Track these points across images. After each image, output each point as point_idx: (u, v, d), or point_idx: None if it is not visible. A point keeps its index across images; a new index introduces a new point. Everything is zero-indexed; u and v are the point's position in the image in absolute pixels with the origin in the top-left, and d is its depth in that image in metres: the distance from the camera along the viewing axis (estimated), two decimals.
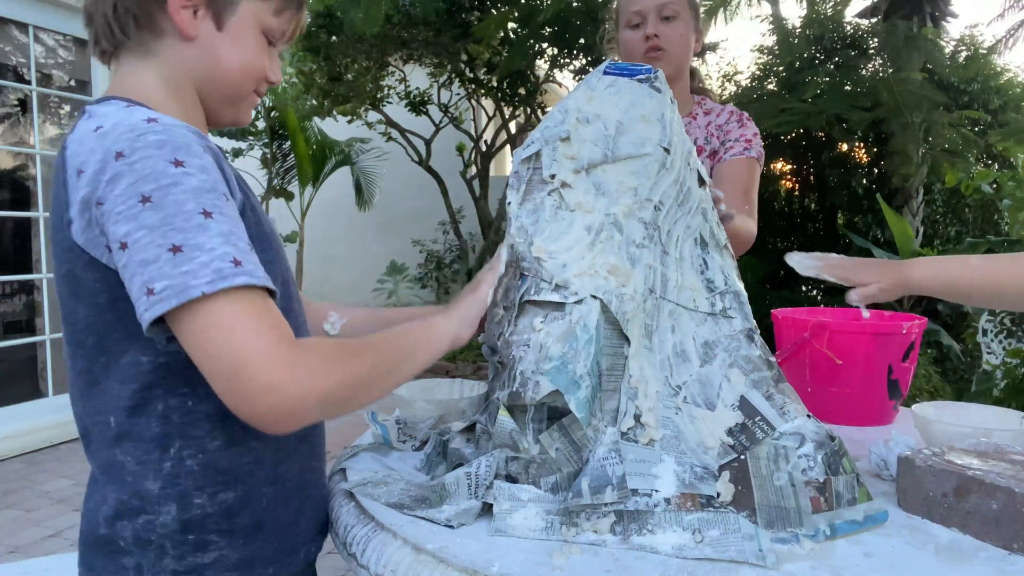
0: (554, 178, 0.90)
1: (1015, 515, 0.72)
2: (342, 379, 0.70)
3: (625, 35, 1.53)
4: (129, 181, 0.67)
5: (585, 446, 0.80)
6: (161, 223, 0.66)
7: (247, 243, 0.70)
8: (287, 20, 0.88)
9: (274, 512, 0.83)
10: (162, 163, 0.68)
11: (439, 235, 8.05)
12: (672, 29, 1.48)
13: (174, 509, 0.77)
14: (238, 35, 0.83)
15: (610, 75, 0.95)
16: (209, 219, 0.68)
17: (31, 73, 3.94)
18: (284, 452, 0.84)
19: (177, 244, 0.66)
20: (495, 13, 5.71)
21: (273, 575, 0.82)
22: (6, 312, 4.70)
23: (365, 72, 6.35)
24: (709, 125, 1.61)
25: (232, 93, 0.86)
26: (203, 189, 0.69)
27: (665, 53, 1.49)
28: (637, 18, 1.50)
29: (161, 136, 0.70)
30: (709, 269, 0.90)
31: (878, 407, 1.23)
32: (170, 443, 0.77)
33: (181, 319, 0.66)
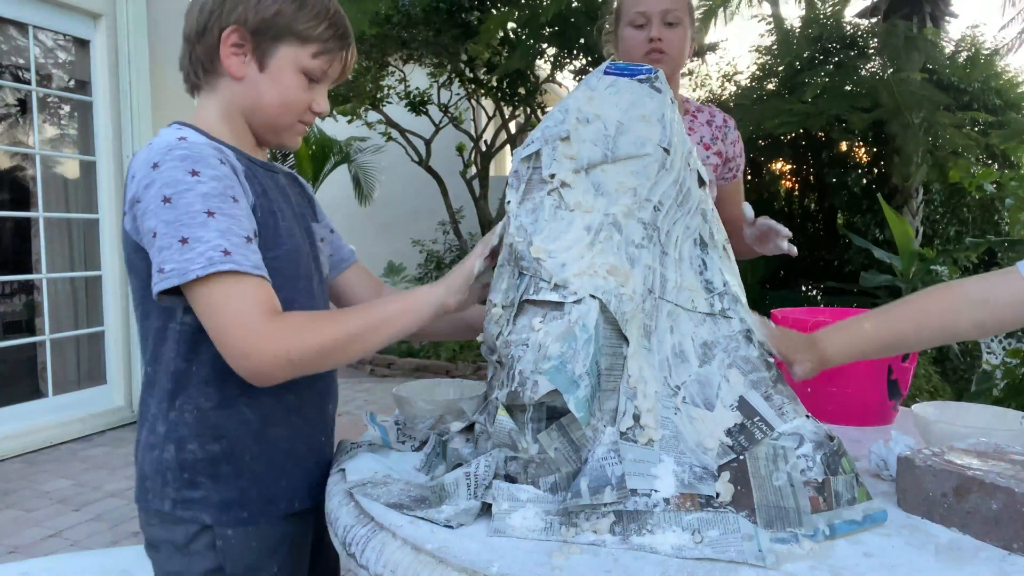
0: (554, 178, 0.90)
1: (1015, 515, 0.72)
2: (311, 344, 0.87)
3: (627, 33, 1.55)
4: (158, 186, 0.87)
5: (584, 446, 0.80)
6: (175, 220, 0.85)
7: (244, 238, 0.88)
8: (327, 61, 1.01)
9: (256, 467, 0.98)
10: (181, 172, 0.87)
11: (439, 235, 8.06)
12: (674, 34, 1.51)
13: (173, 450, 0.96)
14: (277, 75, 0.99)
15: (610, 75, 0.94)
16: (211, 218, 0.86)
17: (31, 73, 3.94)
18: (270, 419, 0.99)
19: (185, 236, 0.85)
20: (495, 13, 5.70)
21: (248, 518, 0.98)
22: (6, 312, 4.69)
23: (365, 72, 6.35)
24: (708, 124, 1.66)
25: (272, 124, 1.02)
26: (211, 194, 0.87)
27: (666, 56, 1.52)
28: (641, 19, 1.52)
29: (185, 151, 0.89)
30: (708, 270, 0.90)
31: (878, 407, 1.23)
32: (175, 397, 0.96)
33: (191, 295, 0.87)
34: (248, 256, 0.87)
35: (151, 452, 0.98)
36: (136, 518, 2.98)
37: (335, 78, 1.05)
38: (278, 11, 0.96)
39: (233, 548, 0.97)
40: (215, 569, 0.96)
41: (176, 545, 0.97)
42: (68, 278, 4.23)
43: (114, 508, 3.05)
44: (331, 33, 0.99)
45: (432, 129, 7.12)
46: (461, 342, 5.92)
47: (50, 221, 4.10)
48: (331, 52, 1.01)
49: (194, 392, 0.96)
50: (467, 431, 0.98)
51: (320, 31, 0.98)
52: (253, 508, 0.98)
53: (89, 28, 4.20)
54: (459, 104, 7.11)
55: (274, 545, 1.00)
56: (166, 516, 0.97)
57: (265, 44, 0.97)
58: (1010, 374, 3.13)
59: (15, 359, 4.24)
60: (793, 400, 0.84)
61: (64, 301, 4.26)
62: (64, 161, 4.35)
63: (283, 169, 1.14)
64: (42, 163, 4.11)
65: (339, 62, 1.03)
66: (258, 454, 0.99)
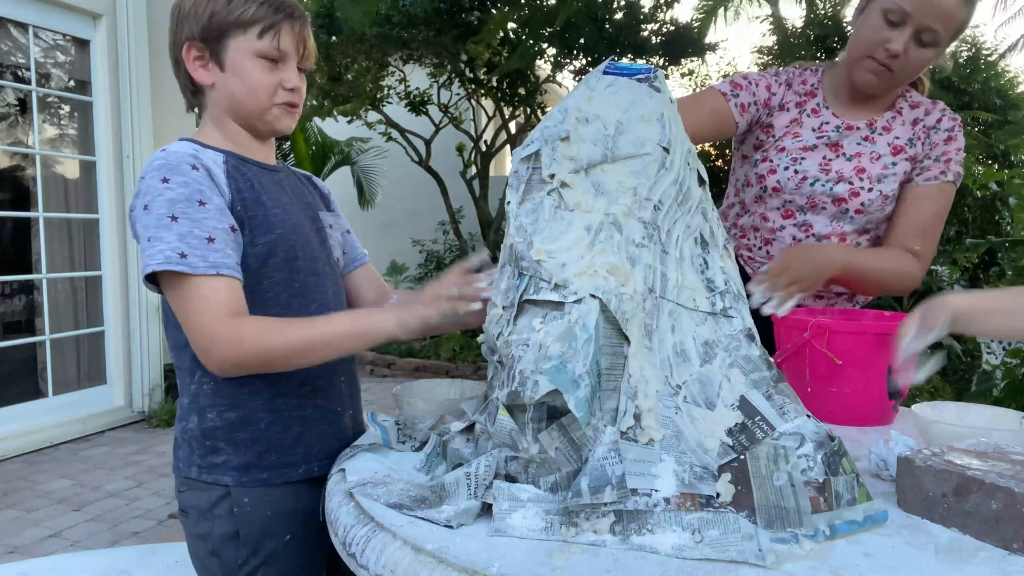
0: (553, 178, 0.90)
1: (1015, 515, 0.72)
2: (259, 351, 0.98)
3: (872, 21, 1.36)
4: (142, 194, 1.00)
5: (584, 445, 0.80)
6: (149, 223, 0.98)
7: (204, 239, 0.98)
8: (273, 37, 1.07)
9: (270, 434, 1.09)
10: (156, 181, 0.99)
11: (439, 235, 8.06)
12: (919, 57, 1.35)
13: (196, 420, 1.08)
14: (236, 68, 1.07)
15: (609, 75, 0.95)
16: (174, 222, 0.98)
17: (31, 73, 3.94)
18: (279, 389, 1.09)
19: (151, 237, 0.98)
20: (495, 13, 5.70)
21: (267, 479, 1.08)
22: (6, 312, 4.70)
23: (365, 72, 6.36)
24: (917, 124, 1.45)
25: (252, 112, 1.10)
26: (177, 200, 0.98)
27: (890, 76, 1.37)
28: (896, 16, 1.32)
29: (162, 162, 1.01)
30: (709, 269, 0.90)
31: (877, 407, 1.23)
32: (195, 372, 1.08)
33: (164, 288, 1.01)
34: (207, 256, 0.98)
35: (180, 424, 1.11)
36: (136, 518, 2.99)
37: (300, 54, 1.11)
38: (212, 12, 1.06)
39: (249, 514, 1.06)
40: (233, 534, 1.06)
41: (201, 510, 1.08)
42: (68, 278, 4.24)
43: (114, 508, 3.05)
44: (265, 10, 1.06)
45: (432, 129, 7.12)
46: (461, 342, 5.92)
47: (50, 221, 4.10)
48: (275, 27, 1.06)
49: None
50: (467, 431, 0.98)
51: (253, 12, 1.05)
52: (271, 471, 1.08)
53: (89, 28, 4.20)
54: (459, 104, 7.11)
55: (288, 512, 1.09)
56: (193, 482, 1.09)
57: (216, 46, 1.07)
58: (1010, 374, 3.12)
59: (15, 359, 4.24)
60: (794, 400, 0.84)
61: (64, 301, 4.26)
62: (64, 161, 4.35)
63: (290, 169, 1.24)
64: (42, 163, 4.11)
65: (290, 35, 1.08)
66: (272, 421, 1.09)
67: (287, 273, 1.09)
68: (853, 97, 1.46)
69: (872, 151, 1.43)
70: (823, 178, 1.44)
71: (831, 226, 1.46)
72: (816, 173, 1.44)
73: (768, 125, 1.51)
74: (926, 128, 1.43)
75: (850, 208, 1.43)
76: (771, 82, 1.53)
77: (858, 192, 1.42)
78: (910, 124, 1.44)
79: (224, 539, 1.07)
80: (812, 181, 1.44)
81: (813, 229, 1.47)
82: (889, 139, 1.43)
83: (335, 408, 1.17)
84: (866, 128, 1.45)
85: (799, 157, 1.46)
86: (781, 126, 1.50)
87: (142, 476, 3.44)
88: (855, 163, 1.43)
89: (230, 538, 1.06)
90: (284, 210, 1.10)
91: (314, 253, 1.14)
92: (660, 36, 6.09)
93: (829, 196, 1.44)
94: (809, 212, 1.47)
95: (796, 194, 1.46)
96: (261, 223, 1.06)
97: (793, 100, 1.51)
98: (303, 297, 1.12)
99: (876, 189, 1.41)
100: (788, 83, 1.53)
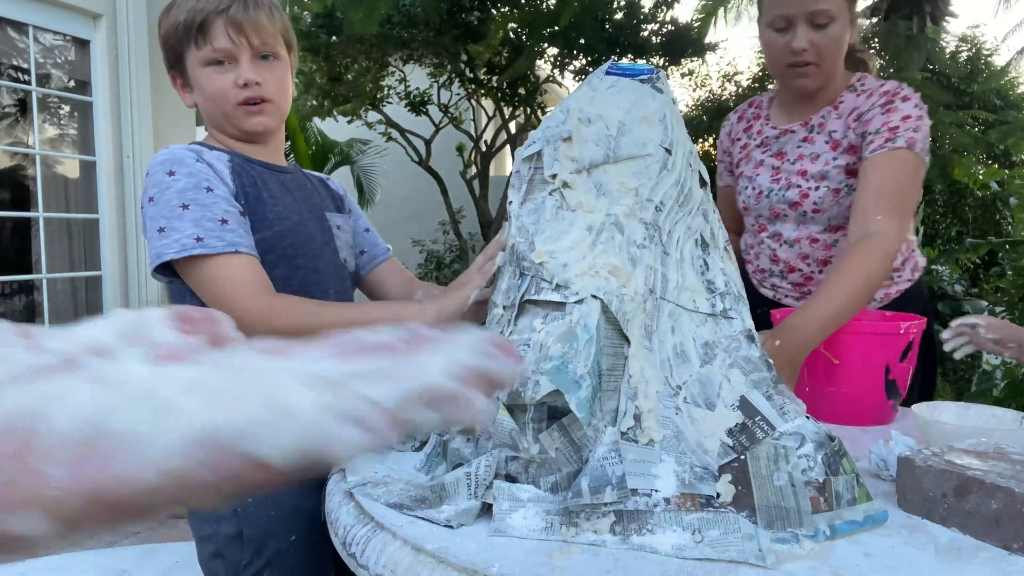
0: (555, 178, 0.90)
1: (1015, 515, 0.72)
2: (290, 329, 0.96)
3: (767, 37, 1.40)
4: (148, 189, 1.03)
5: (585, 446, 0.80)
6: (157, 214, 1.00)
7: (218, 220, 0.99)
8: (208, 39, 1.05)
9: None
10: (161, 175, 1.01)
11: (439, 235, 8.06)
12: (825, 37, 1.33)
13: None
14: (197, 83, 1.10)
15: (612, 75, 0.95)
16: (186, 210, 0.99)
17: (31, 73, 3.94)
18: None
19: (163, 227, 0.99)
20: (495, 13, 5.70)
21: None
22: (6, 312, 4.69)
23: (365, 72, 6.35)
24: (852, 113, 1.41)
25: (220, 119, 1.11)
26: (186, 189, 0.99)
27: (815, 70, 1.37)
28: (782, 22, 1.35)
29: (165, 157, 1.03)
30: (709, 270, 0.90)
31: (876, 407, 1.23)
32: None
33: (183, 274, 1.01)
34: (223, 236, 0.99)
35: None
36: None
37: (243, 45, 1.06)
38: (164, 39, 1.10)
39: (252, 514, 1.06)
40: (236, 534, 1.06)
41: (205, 512, 1.07)
42: (68, 278, 4.24)
43: None
44: (191, 14, 1.05)
45: (432, 129, 7.12)
46: None
47: (50, 221, 4.10)
48: (204, 28, 1.05)
49: None
50: (468, 431, 0.98)
51: (184, 21, 1.05)
52: None
53: (89, 28, 4.20)
54: (459, 104, 7.11)
55: (293, 512, 1.08)
56: None
57: (181, 68, 1.11)
58: (1010, 374, 3.12)
59: None
60: (794, 400, 0.84)
61: (64, 301, 4.26)
62: (64, 161, 4.35)
63: (303, 171, 1.26)
64: (42, 163, 4.11)
65: (221, 29, 1.05)
66: None
67: (285, 271, 1.09)
68: (796, 101, 1.49)
69: (811, 151, 1.45)
70: (775, 188, 1.49)
71: (798, 230, 1.49)
72: (769, 184, 1.50)
73: (736, 163, 1.62)
74: (859, 113, 1.38)
75: (807, 209, 1.45)
76: (730, 128, 1.64)
77: (807, 193, 1.44)
78: (846, 115, 1.40)
79: (228, 540, 1.07)
80: (767, 192, 1.50)
81: (783, 237, 1.51)
82: (826, 136, 1.43)
83: None
84: (802, 129, 1.47)
85: (753, 175, 1.54)
86: (737, 156, 1.61)
87: None
88: (798, 166, 1.46)
89: (234, 539, 1.06)
90: (285, 208, 1.10)
91: (315, 252, 1.14)
92: (660, 36, 6.09)
93: (785, 203, 1.47)
94: (776, 222, 1.52)
95: (760, 208, 1.53)
96: (260, 219, 1.07)
97: (742, 127, 1.61)
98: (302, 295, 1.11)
99: (823, 187, 1.42)
100: (740, 116, 1.63)
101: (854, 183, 1.38)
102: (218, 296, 0.97)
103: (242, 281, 0.98)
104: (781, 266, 1.53)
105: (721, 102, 6.27)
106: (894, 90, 1.35)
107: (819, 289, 1.18)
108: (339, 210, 1.26)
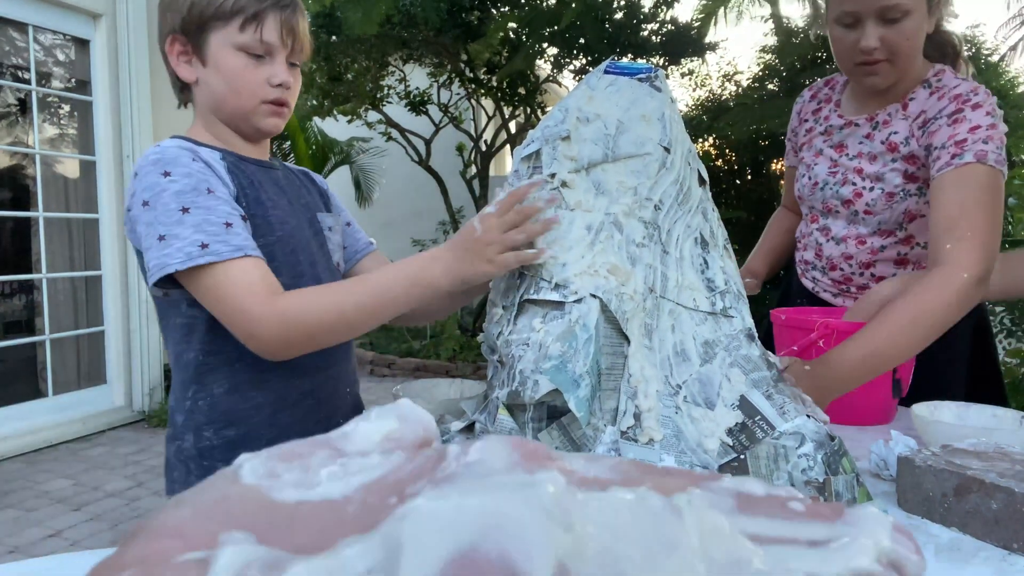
0: (554, 177, 0.90)
1: (1015, 515, 0.72)
2: (308, 326, 0.91)
3: (834, 32, 1.30)
4: (139, 192, 0.93)
5: (584, 445, 0.80)
6: (154, 220, 0.91)
7: (222, 224, 0.91)
8: (255, 29, 0.98)
9: None
10: (155, 176, 0.92)
11: (439, 235, 8.05)
12: (898, 33, 1.24)
13: (191, 439, 1.01)
14: (218, 64, 1.00)
15: (610, 74, 0.95)
16: (186, 214, 0.90)
17: (31, 73, 3.93)
18: (283, 403, 1.03)
19: (162, 234, 0.90)
20: (495, 13, 5.70)
21: None
22: (6, 312, 4.70)
23: (365, 72, 6.35)
24: (919, 117, 1.29)
25: (236, 112, 1.02)
26: (184, 191, 0.91)
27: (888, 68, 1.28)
28: (849, 18, 1.26)
29: (158, 157, 0.94)
30: (709, 268, 0.90)
31: (882, 406, 1.23)
32: (189, 387, 1.01)
33: (191, 290, 0.93)
34: (229, 240, 0.91)
35: (173, 443, 1.03)
36: (136, 518, 2.99)
37: (287, 46, 1.02)
38: (193, 2, 0.98)
39: None
40: None
41: None
42: (68, 278, 4.23)
43: (114, 508, 3.05)
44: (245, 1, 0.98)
45: (432, 129, 7.12)
46: (461, 342, 5.92)
47: (50, 221, 4.10)
48: (258, 18, 0.98)
49: (206, 380, 1.00)
50: (467, 431, 0.98)
51: (235, 1, 0.97)
52: None
53: (89, 28, 4.20)
54: (459, 104, 7.10)
55: None
56: None
57: (198, 40, 0.99)
58: (1010, 374, 3.12)
59: (15, 359, 4.24)
60: (794, 399, 0.84)
61: (64, 301, 4.26)
62: (64, 161, 4.35)
63: (286, 165, 1.17)
64: (42, 163, 4.11)
65: (275, 26, 0.99)
66: (273, 438, 0.99)
67: (288, 279, 1.01)
68: (866, 92, 1.40)
69: (870, 150, 1.37)
70: (831, 181, 1.42)
71: (847, 229, 1.42)
72: (825, 176, 1.44)
73: (799, 146, 1.54)
74: (925, 119, 1.28)
75: (859, 210, 1.38)
76: (801, 107, 1.55)
77: (861, 193, 1.38)
78: (913, 119, 1.30)
79: None
80: (823, 185, 1.44)
81: (831, 232, 1.45)
82: (885, 136, 1.34)
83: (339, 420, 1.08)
84: (867, 124, 1.39)
85: (812, 163, 1.47)
86: (801, 139, 1.53)
87: (142, 476, 3.44)
88: (856, 163, 1.39)
89: None
90: (283, 211, 1.05)
91: (314, 258, 1.08)
92: (660, 36, 6.09)
93: (838, 199, 1.42)
94: (827, 216, 1.46)
95: (813, 199, 1.47)
96: (261, 223, 1.00)
97: (811, 108, 1.53)
98: None
99: (877, 188, 1.36)
100: (814, 95, 1.54)
101: (912, 188, 1.32)
102: (225, 303, 0.90)
103: (250, 284, 0.90)
104: (824, 262, 1.47)
105: (721, 102, 6.27)
106: (966, 95, 1.24)
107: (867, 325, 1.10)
108: (327, 208, 1.20)
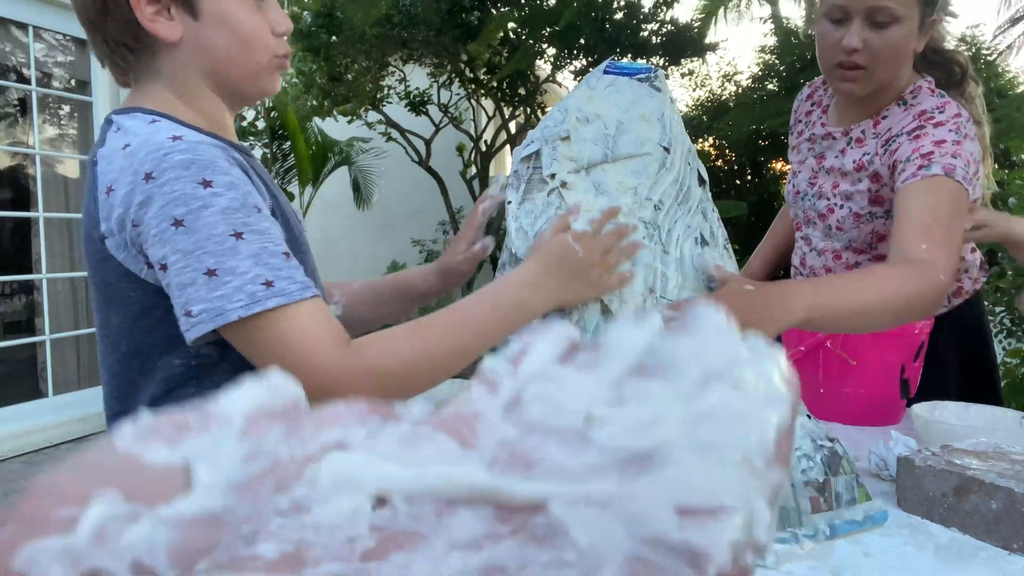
0: (554, 177, 0.90)
1: (1015, 515, 0.72)
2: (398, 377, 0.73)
3: (821, 28, 1.23)
4: (160, 204, 0.68)
5: None
6: (195, 247, 0.67)
7: (280, 255, 0.71)
8: None
9: None
10: (191, 185, 0.68)
11: (439, 235, 8.05)
12: (882, 39, 1.17)
13: None
14: (219, 14, 0.78)
15: (610, 74, 0.95)
16: (240, 241, 0.68)
17: (31, 73, 3.94)
18: None
19: (212, 268, 0.67)
20: (495, 13, 5.70)
21: None
22: (6, 312, 4.70)
23: (365, 72, 6.35)
24: (887, 134, 1.23)
25: (246, 72, 0.81)
26: (232, 208, 0.69)
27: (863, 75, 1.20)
28: (838, 12, 1.19)
29: (187, 156, 0.69)
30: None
31: (890, 406, 1.23)
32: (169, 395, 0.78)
33: (233, 336, 0.70)
34: (294, 277, 0.71)
35: None
36: None
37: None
38: None
39: None
40: None
41: None
42: (68, 278, 4.23)
43: None
44: None
45: (432, 129, 7.11)
46: None
47: (50, 221, 4.10)
48: None
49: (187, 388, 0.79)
50: None
51: None
52: None
53: None
54: (459, 104, 7.10)
55: None
56: None
57: None
58: (1010, 374, 3.12)
59: (15, 359, 4.24)
60: None
61: (64, 301, 4.26)
62: (64, 161, 4.35)
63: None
64: (42, 163, 4.11)
65: None
66: None
67: None
68: (846, 102, 1.33)
69: (842, 166, 1.30)
70: (810, 192, 1.37)
71: (824, 242, 1.36)
72: (805, 187, 1.38)
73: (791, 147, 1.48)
74: (889, 139, 1.21)
75: (831, 225, 1.32)
76: (798, 105, 1.48)
77: (833, 209, 1.32)
78: (881, 136, 1.23)
79: None
80: (803, 195, 1.39)
81: (812, 243, 1.40)
82: (857, 155, 1.27)
83: None
84: (843, 138, 1.31)
85: (796, 170, 1.42)
86: (793, 141, 1.47)
87: None
88: (832, 178, 1.32)
89: None
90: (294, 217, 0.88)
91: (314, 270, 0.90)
92: (660, 36, 6.09)
93: (815, 211, 1.36)
94: (808, 226, 1.41)
95: (796, 207, 1.42)
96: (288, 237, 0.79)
97: (805, 110, 1.46)
98: None
99: (846, 207, 1.29)
100: (810, 95, 1.46)
101: (879, 212, 1.25)
102: (296, 358, 0.69)
103: (322, 334, 0.71)
104: (807, 271, 1.42)
105: (721, 102, 6.27)
106: (930, 112, 1.18)
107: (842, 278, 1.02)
108: None
